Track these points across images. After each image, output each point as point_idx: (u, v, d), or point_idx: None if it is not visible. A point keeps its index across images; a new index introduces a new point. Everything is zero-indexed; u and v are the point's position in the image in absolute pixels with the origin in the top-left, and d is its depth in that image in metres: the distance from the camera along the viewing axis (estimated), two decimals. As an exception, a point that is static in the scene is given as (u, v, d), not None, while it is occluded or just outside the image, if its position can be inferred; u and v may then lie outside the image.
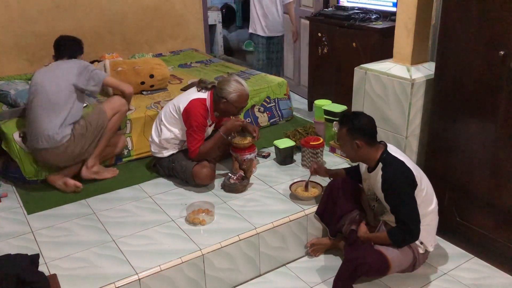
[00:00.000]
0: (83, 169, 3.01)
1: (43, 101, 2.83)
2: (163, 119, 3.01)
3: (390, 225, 2.44)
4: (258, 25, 4.86)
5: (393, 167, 2.33)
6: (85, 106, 3.11)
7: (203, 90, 2.98)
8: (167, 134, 2.98)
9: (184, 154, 3.01)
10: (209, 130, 3.09)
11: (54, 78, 2.89)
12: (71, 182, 2.86)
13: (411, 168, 2.34)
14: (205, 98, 2.94)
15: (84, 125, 2.88)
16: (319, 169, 2.79)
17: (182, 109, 2.90)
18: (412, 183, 2.32)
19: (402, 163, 2.35)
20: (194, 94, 2.96)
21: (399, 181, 2.30)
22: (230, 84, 2.90)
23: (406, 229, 2.31)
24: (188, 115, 2.87)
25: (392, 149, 2.43)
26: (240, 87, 2.92)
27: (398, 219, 2.34)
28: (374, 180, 2.41)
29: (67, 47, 3.08)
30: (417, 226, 2.31)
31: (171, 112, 2.97)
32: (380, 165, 2.36)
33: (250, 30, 4.99)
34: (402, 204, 2.31)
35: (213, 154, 3.08)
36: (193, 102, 2.89)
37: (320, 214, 2.69)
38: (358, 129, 2.37)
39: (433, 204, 2.44)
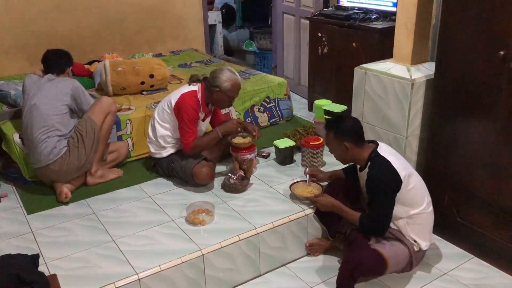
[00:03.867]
0: (87, 177, 3.01)
1: (40, 123, 2.81)
2: (156, 116, 3.04)
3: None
4: None
5: (379, 166, 2.36)
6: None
7: (194, 84, 3.01)
8: (161, 131, 2.99)
9: (183, 154, 3.01)
10: (203, 126, 3.11)
11: (49, 99, 2.85)
12: (64, 190, 2.84)
13: (398, 169, 2.34)
14: (196, 90, 2.96)
15: (75, 138, 2.87)
16: (312, 172, 2.83)
17: (173, 104, 2.93)
18: (396, 185, 2.33)
19: (388, 163, 2.35)
20: (185, 88, 3.00)
21: (381, 181, 2.34)
22: (223, 73, 2.93)
23: (375, 225, 2.40)
24: (179, 109, 2.90)
25: (383, 148, 2.44)
26: (234, 76, 2.95)
27: (370, 216, 2.41)
28: (363, 179, 2.45)
29: (55, 63, 3.03)
30: (384, 227, 2.39)
31: (163, 108, 3.00)
32: (369, 163, 2.40)
33: None
34: (378, 203, 2.36)
35: (206, 150, 3.08)
36: (183, 96, 2.92)
37: (319, 214, 2.69)
38: (345, 132, 2.43)
39: (424, 204, 2.42)
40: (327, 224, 2.68)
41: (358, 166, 2.52)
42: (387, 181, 2.33)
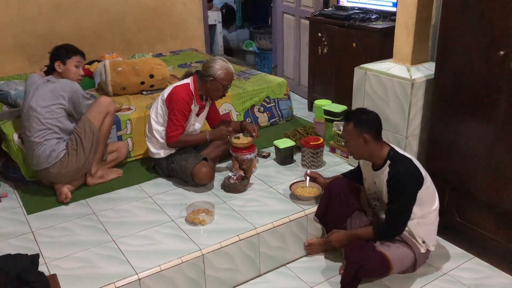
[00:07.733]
0: (87, 177, 3.00)
1: (38, 125, 2.79)
2: (151, 112, 3.07)
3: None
4: None
5: (402, 164, 2.35)
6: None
7: (187, 78, 3.07)
8: (155, 125, 3.02)
9: (182, 154, 3.01)
10: (198, 122, 3.12)
11: (46, 101, 2.81)
12: (64, 191, 2.83)
13: (419, 167, 2.37)
14: (188, 83, 3.00)
15: (74, 140, 2.86)
16: (312, 174, 2.83)
17: (166, 96, 2.97)
18: (419, 183, 2.33)
19: (410, 161, 2.37)
20: (178, 82, 3.06)
21: (407, 179, 2.32)
22: (216, 62, 2.98)
23: (393, 224, 2.37)
24: (170, 101, 2.93)
25: (397, 148, 2.45)
26: (227, 65, 2.99)
27: (390, 213, 2.38)
28: (380, 178, 2.42)
29: (50, 62, 2.95)
30: (404, 225, 2.37)
31: (157, 103, 3.03)
32: (388, 162, 2.37)
33: None
34: (402, 201, 2.33)
35: (188, 147, 3.08)
36: (176, 88, 2.96)
37: (319, 216, 2.68)
38: (365, 123, 2.36)
39: (436, 203, 2.45)
40: (328, 226, 2.67)
41: (369, 165, 2.50)
42: (412, 179, 2.32)
